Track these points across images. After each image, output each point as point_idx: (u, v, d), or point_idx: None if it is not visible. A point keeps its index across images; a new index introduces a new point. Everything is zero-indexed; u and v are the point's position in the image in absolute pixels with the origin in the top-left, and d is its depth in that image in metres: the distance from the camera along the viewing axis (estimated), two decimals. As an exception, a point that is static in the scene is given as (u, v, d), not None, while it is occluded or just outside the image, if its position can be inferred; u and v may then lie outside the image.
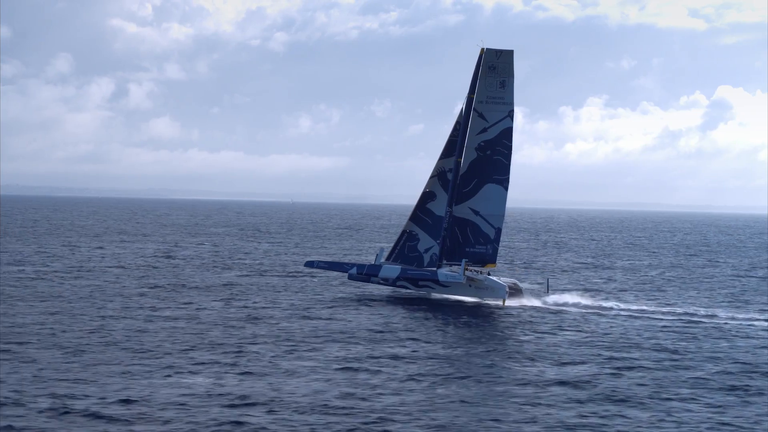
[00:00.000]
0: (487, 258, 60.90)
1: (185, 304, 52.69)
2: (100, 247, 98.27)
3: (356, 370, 34.77)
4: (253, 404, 28.92)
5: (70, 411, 27.65)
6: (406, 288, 60.98)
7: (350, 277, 62.50)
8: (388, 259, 62.61)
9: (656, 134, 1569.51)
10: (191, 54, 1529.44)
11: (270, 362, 35.65)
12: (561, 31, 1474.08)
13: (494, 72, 60.94)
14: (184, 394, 29.85)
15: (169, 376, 32.66)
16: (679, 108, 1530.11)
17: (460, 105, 62.09)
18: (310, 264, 65.83)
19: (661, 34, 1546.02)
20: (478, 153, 61.22)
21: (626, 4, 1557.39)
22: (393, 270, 60.91)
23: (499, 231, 61.20)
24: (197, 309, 50.64)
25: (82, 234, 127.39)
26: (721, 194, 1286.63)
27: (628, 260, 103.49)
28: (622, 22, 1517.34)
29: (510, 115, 61.03)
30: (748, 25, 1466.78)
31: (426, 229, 62.18)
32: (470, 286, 59.03)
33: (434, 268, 60.45)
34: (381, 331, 44.81)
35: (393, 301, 58.73)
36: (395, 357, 37.83)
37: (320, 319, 48.41)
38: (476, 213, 61.19)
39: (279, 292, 60.66)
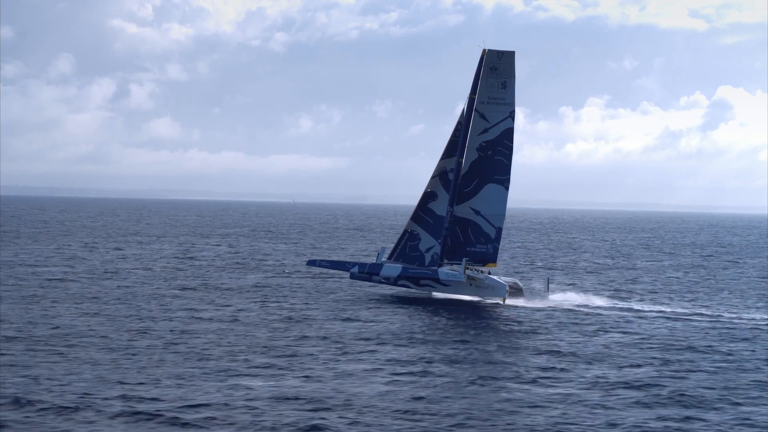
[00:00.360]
0: (488, 257, 61.12)
1: (223, 306, 52.27)
2: (119, 248, 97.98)
3: (416, 373, 34.35)
4: (325, 408, 28.45)
5: (143, 414, 27.28)
6: (408, 287, 61.23)
7: (352, 276, 62.62)
8: (389, 258, 62.75)
9: (657, 134, 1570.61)
10: (191, 54, 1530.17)
11: (325, 364, 35.27)
12: (561, 31, 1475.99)
13: (495, 73, 61.04)
14: (249, 398, 29.42)
15: (227, 378, 32.25)
16: (679, 108, 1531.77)
17: (461, 105, 62.59)
18: (312, 263, 66.11)
19: (661, 34, 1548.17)
20: (479, 153, 61.38)
21: (626, 5, 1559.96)
22: (394, 269, 61.06)
23: (499, 231, 61.42)
24: (237, 310, 50.29)
25: (96, 235, 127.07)
26: (722, 194, 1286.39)
27: (648, 261, 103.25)
28: (622, 22, 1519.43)
29: (511, 115, 61.22)
30: (748, 26, 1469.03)
31: (427, 228, 62.28)
32: (471, 285, 59.31)
33: (435, 267, 60.53)
34: (428, 332, 44.56)
35: (425, 302, 58.51)
36: (451, 359, 37.48)
37: (362, 320, 48.05)
38: (477, 213, 61.32)
39: (311, 293, 60.35)
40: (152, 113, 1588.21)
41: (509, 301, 58.32)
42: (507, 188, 61.31)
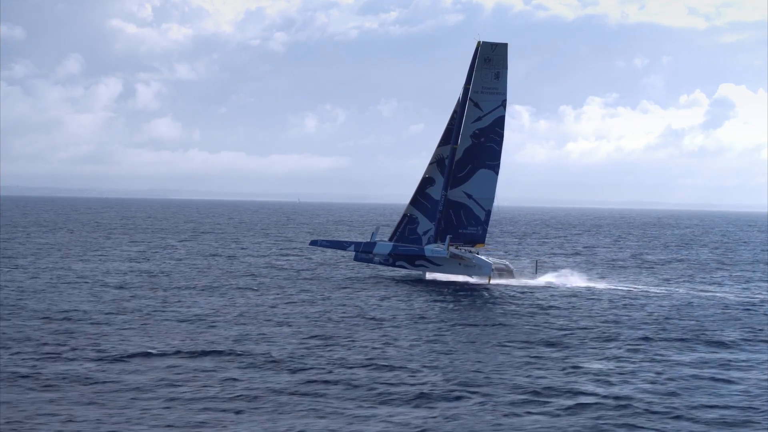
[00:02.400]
0: (477, 238, 65.42)
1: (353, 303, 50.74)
2: (169, 247, 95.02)
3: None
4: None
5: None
6: (405, 267, 65.46)
7: (356, 258, 67.26)
8: (389, 240, 67.05)
9: (658, 133, 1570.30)
10: (191, 54, 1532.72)
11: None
12: (561, 30, 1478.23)
13: (489, 64, 64.98)
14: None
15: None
16: (679, 107, 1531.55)
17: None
18: (314, 243, 71.66)
19: (661, 32, 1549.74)
20: (473, 140, 65.39)
21: (626, 3, 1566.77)
22: (386, 246, 65.67)
23: (488, 213, 65.42)
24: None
25: (151, 233, 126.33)
26: (724, 192, 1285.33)
27: (705, 254, 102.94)
28: (621, 21, 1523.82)
29: (503, 104, 65.19)
30: (748, 24, 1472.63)
31: (425, 212, 66.50)
32: (459, 264, 63.42)
33: (422, 245, 64.91)
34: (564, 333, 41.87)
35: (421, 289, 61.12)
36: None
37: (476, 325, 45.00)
38: (469, 196, 65.43)
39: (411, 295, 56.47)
40: (153, 114, 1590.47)
41: (500, 281, 62.33)
42: (497, 173, 65.42)
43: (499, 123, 65.35)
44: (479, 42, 65.17)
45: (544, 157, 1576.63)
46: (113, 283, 57.75)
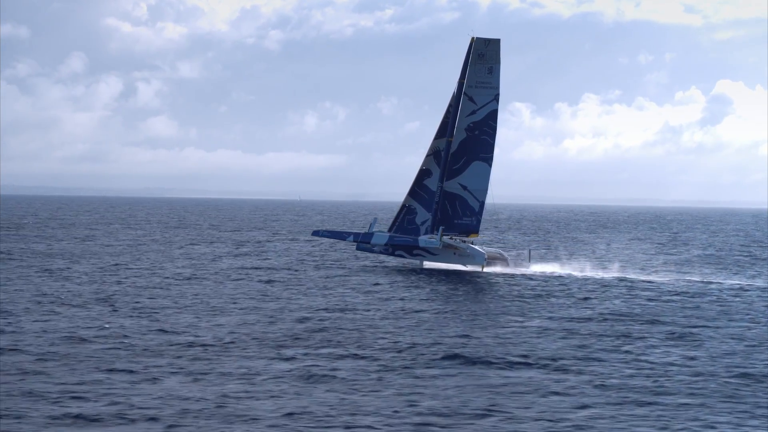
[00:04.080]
0: (471, 228, 67.82)
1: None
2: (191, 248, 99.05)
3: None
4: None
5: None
6: (403, 257, 68.05)
7: (358, 248, 70.21)
8: (389, 230, 69.52)
9: (656, 130, 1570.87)
10: (186, 53, 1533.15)
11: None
12: (556, 27, 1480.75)
13: (483, 59, 67.39)
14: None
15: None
16: (675, 104, 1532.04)
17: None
18: (316, 233, 75.24)
19: (656, 30, 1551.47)
20: (467, 133, 67.82)
21: (622, 0, 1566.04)
22: (383, 237, 68.24)
23: (482, 204, 67.78)
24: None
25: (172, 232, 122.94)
26: (721, 189, 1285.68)
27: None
28: (617, 18, 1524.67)
29: (496, 98, 67.52)
30: (744, 21, 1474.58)
31: (422, 203, 68.87)
32: (454, 254, 65.97)
33: (416, 236, 67.45)
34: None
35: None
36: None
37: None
38: (464, 188, 67.83)
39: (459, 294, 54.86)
40: (150, 112, 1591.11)
41: (494, 269, 65.00)
42: (490, 165, 67.86)
43: (493, 116, 67.76)
44: (473, 38, 67.63)
45: (541, 154, 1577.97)
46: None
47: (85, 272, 59.58)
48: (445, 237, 66.37)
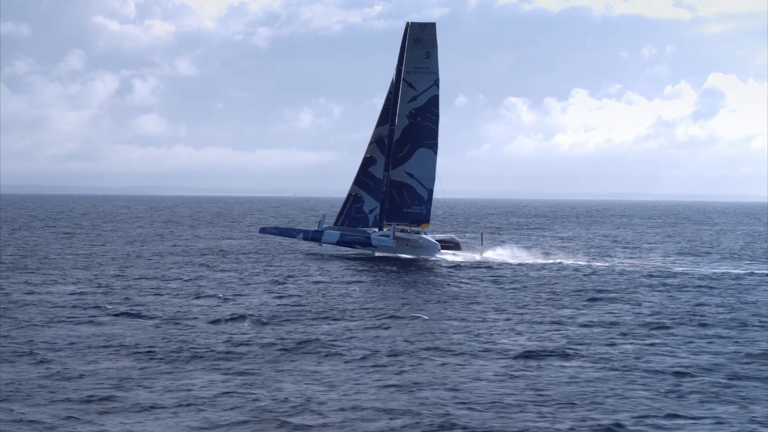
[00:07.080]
0: (422, 218, 66.86)
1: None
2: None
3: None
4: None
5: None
6: (353, 247, 67.02)
7: (304, 238, 69.72)
8: (337, 220, 68.45)
9: (648, 124, 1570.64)
10: (174, 51, 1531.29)
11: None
12: (545, 22, 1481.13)
13: (419, 44, 66.33)
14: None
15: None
16: (664, 98, 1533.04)
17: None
18: (263, 230, 74.37)
19: (645, 24, 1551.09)
20: (409, 120, 66.75)
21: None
22: (333, 235, 67.21)
23: (431, 192, 66.67)
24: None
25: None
26: (711, 183, 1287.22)
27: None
28: (606, 13, 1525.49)
29: (436, 83, 66.43)
30: (732, 15, 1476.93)
31: (369, 191, 67.75)
32: (407, 245, 65.01)
33: (368, 233, 66.43)
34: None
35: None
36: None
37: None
38: (411, 176, 66.74)
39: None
40: (139, 110, 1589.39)
41: (447, 255, 64.24)
42: (436, 152, 66.66)
43: (434, 102, 66.52)
44: (408, 23, 66.65)
45: (532, 149, 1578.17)
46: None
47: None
48: (396, 231, 65.36)
